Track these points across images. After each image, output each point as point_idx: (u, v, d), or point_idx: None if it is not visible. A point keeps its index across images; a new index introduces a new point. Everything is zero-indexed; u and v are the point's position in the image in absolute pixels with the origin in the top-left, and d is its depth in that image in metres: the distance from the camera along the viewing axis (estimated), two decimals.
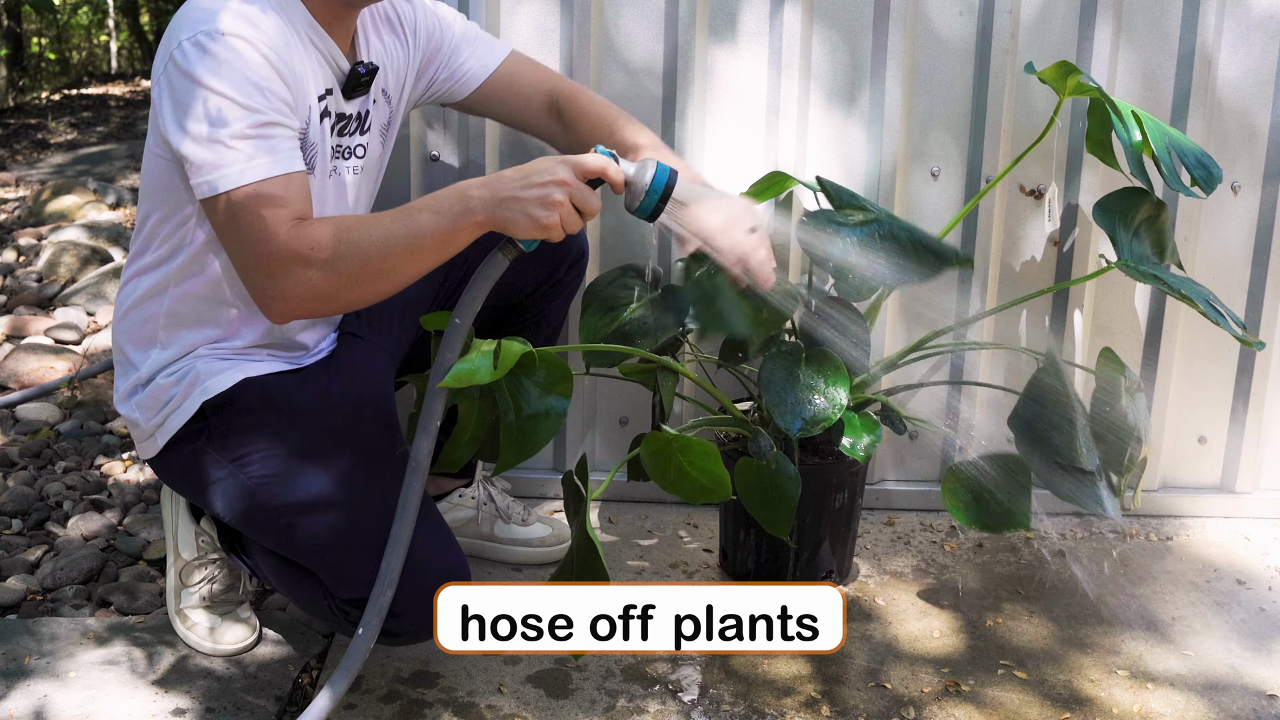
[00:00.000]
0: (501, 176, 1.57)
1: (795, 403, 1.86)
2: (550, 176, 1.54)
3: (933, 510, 2.41)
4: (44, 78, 11.52)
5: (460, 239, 1.59)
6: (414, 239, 1.57)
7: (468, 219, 1.57)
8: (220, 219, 1.60)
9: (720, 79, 2.25)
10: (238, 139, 1.56)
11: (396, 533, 1.62)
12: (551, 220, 1.54)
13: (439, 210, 1.57)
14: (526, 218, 1.54)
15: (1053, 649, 1.96)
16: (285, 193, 1.58)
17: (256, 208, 1.56)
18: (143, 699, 1.79)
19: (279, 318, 1.64)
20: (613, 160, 1.59)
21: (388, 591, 1.62)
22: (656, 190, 1.58)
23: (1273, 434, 2.43)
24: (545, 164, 1.56)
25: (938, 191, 2.29)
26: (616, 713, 1.78)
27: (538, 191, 1.54)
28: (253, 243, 1.57)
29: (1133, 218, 2.06)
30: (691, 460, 1.74)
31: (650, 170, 1.58)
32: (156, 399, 1.78)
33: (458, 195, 1.58)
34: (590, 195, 1.56)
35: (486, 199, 1.56)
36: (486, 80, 1.99)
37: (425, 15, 1.94)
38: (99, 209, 4.77)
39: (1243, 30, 2.23)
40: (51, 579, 2.14)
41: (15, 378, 3.04)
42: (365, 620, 1.63)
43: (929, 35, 2.23)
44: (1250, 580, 2.20)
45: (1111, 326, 2.36)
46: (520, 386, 1.69)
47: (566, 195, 1.54)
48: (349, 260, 1.57)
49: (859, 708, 1.80)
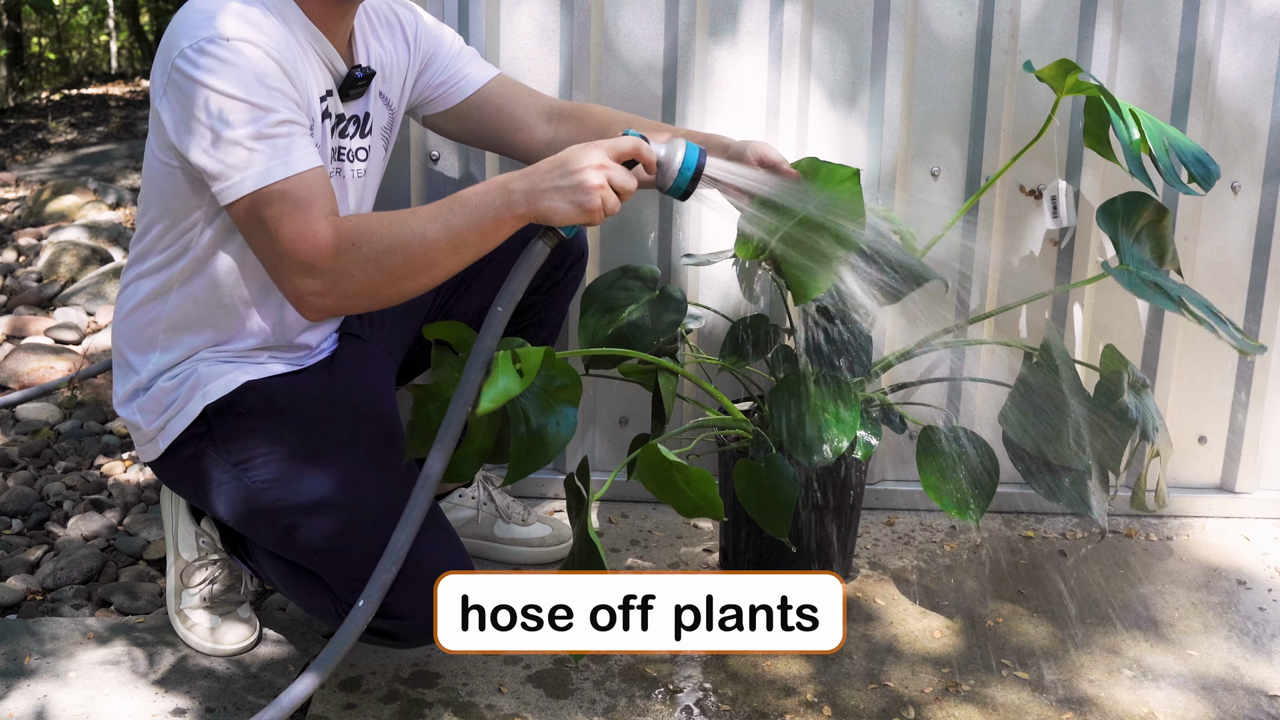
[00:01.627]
0: (538, 169, 1.58)
1: (811, 436, 1.85)
2: (587, 162, 1.55)
3: (933, 510, 2.41)
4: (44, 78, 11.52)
5: (502, 232, 1.59)
6: (457, 233, 1.58)
7: (510, 212, 1.57)
8: (249, 221, 1.59)
9: (721, 78, 2.25)
10: (256, 140, 1.55)
11: (410, 511, 1.61)
12: (593, 204, 1.55)
13: (481, 205, 1.58)
14: (570, 204, 1.56)
15: (1053, 649, 1.97)
16: (313, 188, 1.58)
17: (288, 205, 1.56)
18: (143, 699, 1.79)
19: (315, 314, 1.63)
20: (644, 141, 1.61)
21: (393, 568, 1.61)
22: (689, 169, 1.61)
23: (1273, 434, 2.43)
24: (579, 150, 1.57)
25: (938, 191, 2.29)
26: (616, 713, 1.78)
27: (577, 178, 1.55)
28: (289, 240, 1.56)
29: (1134, 222, 2.06)
30: (688, 479, 1.75)
31: (680, 150, 1.61)
32: (158, 402, 1.78)
33: (499, 189, 1.58)
34: (627, 176, 1.58)
35: (527, 191, 1.57)
36: (483, 88, 1.99)
37: (425, 22, 1.95)
38: (99, 209, 4.78)
39: (1243, 30, 2.23)
40: (52, 579, 2.14)
41: (15, 378, 3.04)
42: (367, 594, 1.61)
43: (929, 35, 2.23)
44: (1250, 580, 2.20)
45: (1111, 325, 2.36)
46: (530, 396, 1.69)
47: (605, 178, 1.56)
48: (392, 255, 1.57)
49: (859, 708, 1.80)
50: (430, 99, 1.98)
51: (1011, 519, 2.39)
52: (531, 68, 2.25)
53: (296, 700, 1.62)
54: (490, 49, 2.24)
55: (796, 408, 1.88)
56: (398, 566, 1.61)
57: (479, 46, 2.23)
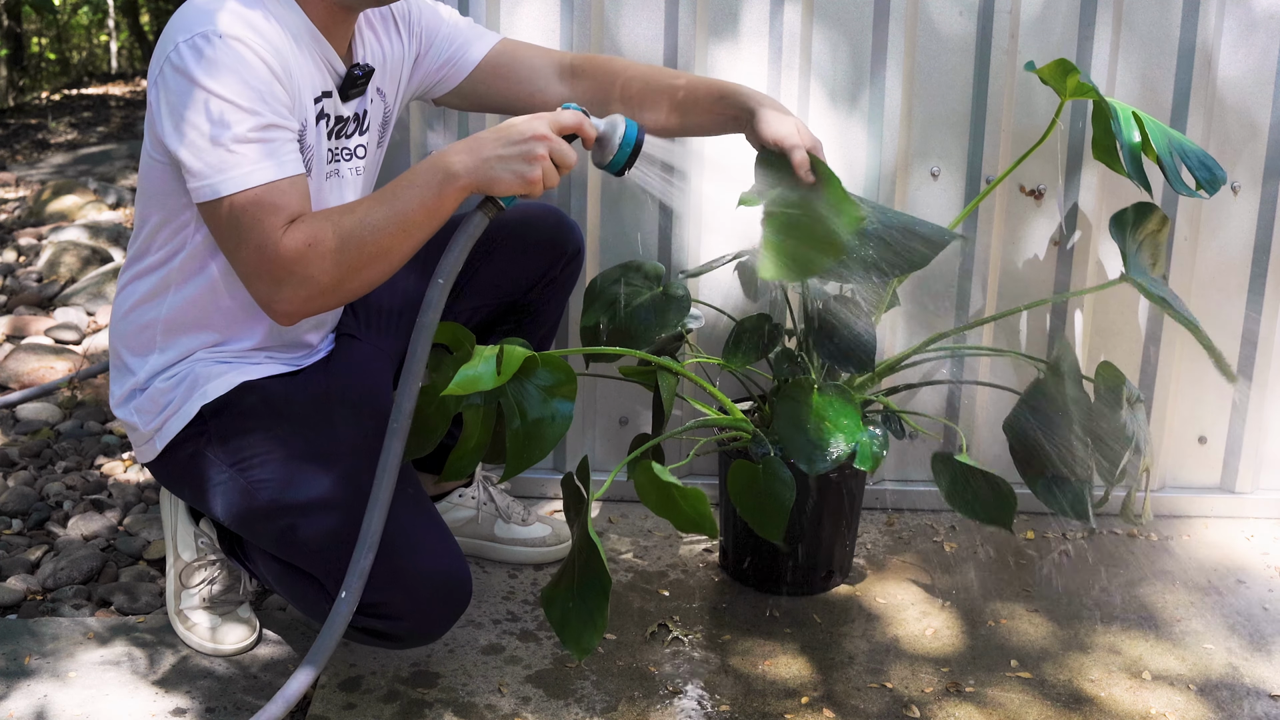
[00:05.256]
0: (479, 138, 1.59)
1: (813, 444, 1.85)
2: (530, 132, 1.57)
3: (933, 510, 2.41)
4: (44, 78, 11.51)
5: (447, 206, 1.60)
6: (403, 216, 1.58)
7: (451, 185, 1.58)
8: (220, 224, 1.59)
9: (721, 78, 2.25)
10: (239, 143, 1.56)
11: (376, 495, 1.62)
12: (534, 175, 1.57)
13: (422, 183, 1.58)
14: (512, 174, 1.57)
15: (1053, 649, 1.96)
16: (285, 197, 1.58)
17: (257, 213, 1.56)
18: (143, 699, 1.79)
19: (286, 320, 1.63)
20: (585, 116, 1.63)
21: (369, 555, 1.61)
22: (628, 145, 1.64)
23: (1273, 434, 2.43)
24: (522, 121, 1.59)
25: (938, 191, 2.29)
26: (616, 713, 1.78)
27: (519, 148, 1.57)
28: (254, 248, 1.57)
29: (1140, 232, 2.08)
30: (684, 496, 1.75)
31: (620, 127, 1.64)
32: (155, 403, 1.78)
33: (437, 165, 1.59)
34: (567, 149, 1.60)
35: (468, 163, 1.57)
36: (485, 59, 1.97)
37: (420, 5, 1.93)
38: (99, 209, 4.78)
39: (1243, 29, 2.23)
40: (52, 579, 2.14)
41: (15, 378, 3.04)
42: (347, 584, 1.61)
43: (929, 35, 2.23)
44: (1250, 580, 2.20)
45: (1112, 325, 2.36)
46: (524, 391, 1.70)
47: (547, 149, 1.57)
48: (347, 250, 1.57)
49: (860, 708, 1.80)
50: (434, 83, 1.97)
51: None
52: None
53: (291, 699, 1.62)
54: None
55: (798, 414, 1.88)
56: (374, 553, 1.62)
57: None
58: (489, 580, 2.13)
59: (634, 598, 2.08)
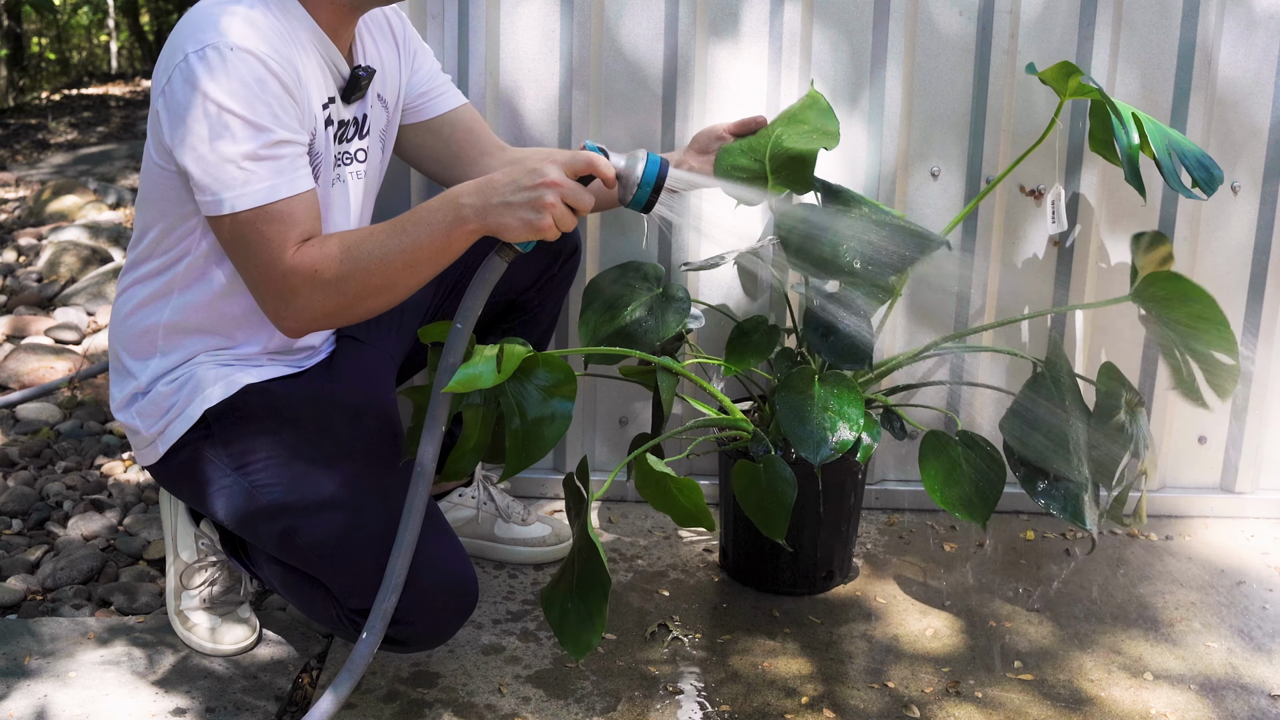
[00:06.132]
0: (491, 181, 1.56)
1: (815, 432, 1.85)
2: (540, 179, 1.52)
3: (933, 510, 2.41)
4: (44, 78, 11.52)
5: (455, 248, 1.58)
6: (411, 252, 1.57)
7: (460, 228, 1.56)
8: (228, 237, 1.60)
9: (721, 78, 2.25)
10: (249, 160, 1.55)
11: (401, 537, 1.62)
12: (544, 222, 1.52)
13: (432, 222, 1.57)
14: (519, 222, 1.53)
15: (1054, 649, 1.96)
16: (294, 213, 1.58)
17: (265, 229, 1.56)
18: (143, 699, 1.79)
19: (293, 334, 1.66)
20: (602, 155, 1.57)
21: (391, 597, 1.62)
22: (649, 182, 1.56)
23: (1273, 434, 2.43)
24: (534, 165, 1.54)
25: (938, 191, 2.29)
26: (616, 713, 1.78)
27: (528, 195, 1.52)
28: (262, 265, 1.58)
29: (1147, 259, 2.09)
30: (680, 488, 1.76)
31: (641, 162, 1.56)
32: (157, 406, 1.78)
33: (449, 205, 1.57)
34: (582, 193, 1.54)
35: (478, 206, 1.55)
36: (459, 108, 1.98)
37: (411, 29, 1.95)
38: (99, 209, 4.78)
39: (1243, 29, 2.23)
40: (52, 579, 2.14)
41: (15, 378, 3.04)
42: (369, 625, 1.63)
43: (929, 35, 2.23)
44: (1250, 580, 2.20)
45: (1112, 326, 2.36)
46: (524, 391, 1.70)
47: (558, 196, 1.52)
48: (353, 279, 1.57)
49: (860, 708, 1.80)
50: (409, 106, 1.96)
51: (1011, 519, 2.39)
52: (532, 68, 2.25)
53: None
54: (490, 49, 2.24)
55: (801, 404, 1.88)
56: (397, 595, 1.62)
57: (479, 48, 2.23)
58: (489, 580, 2.13)
59: (633, 598, 2.08)
